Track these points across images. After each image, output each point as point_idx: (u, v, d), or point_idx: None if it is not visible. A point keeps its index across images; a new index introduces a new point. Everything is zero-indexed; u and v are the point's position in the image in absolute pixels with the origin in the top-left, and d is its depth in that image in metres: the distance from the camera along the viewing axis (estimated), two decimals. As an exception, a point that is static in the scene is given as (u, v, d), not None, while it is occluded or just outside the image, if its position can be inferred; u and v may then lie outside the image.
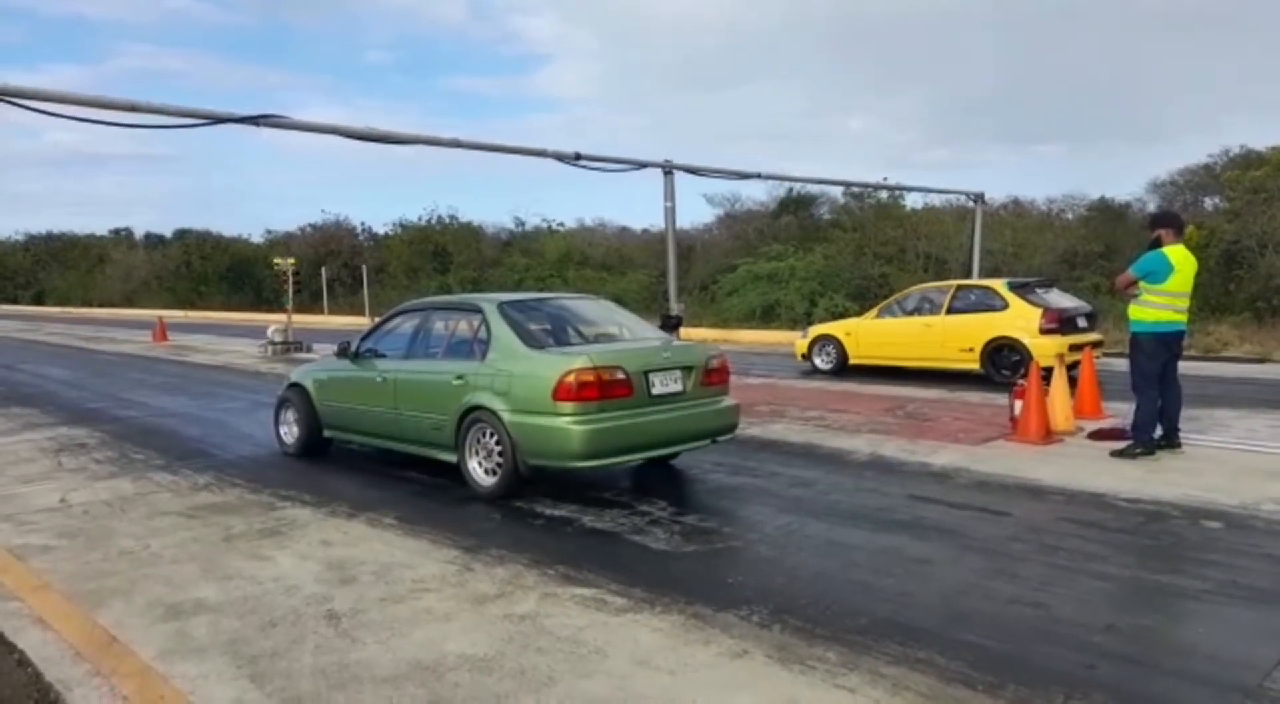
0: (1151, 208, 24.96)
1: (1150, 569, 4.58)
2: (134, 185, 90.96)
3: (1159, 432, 7.06)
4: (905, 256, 25.60)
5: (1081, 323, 11.76)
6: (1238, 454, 7.10)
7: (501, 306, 6.49)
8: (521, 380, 5.93)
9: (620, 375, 5.85)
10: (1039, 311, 11.31)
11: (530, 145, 10.73)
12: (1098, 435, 7.69)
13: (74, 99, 7.11)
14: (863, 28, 66.98)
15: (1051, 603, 4.06)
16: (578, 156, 10.71)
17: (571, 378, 5.67)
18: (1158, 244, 6.97)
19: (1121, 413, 7.96)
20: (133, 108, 7.25)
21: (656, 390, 6.06)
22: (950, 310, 12.16)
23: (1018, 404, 7.87)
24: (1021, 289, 11.87)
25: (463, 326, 6.79)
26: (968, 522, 5.47)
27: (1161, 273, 6.85)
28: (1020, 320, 11.38)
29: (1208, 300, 18.99)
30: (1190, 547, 4.90)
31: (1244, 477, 6.31)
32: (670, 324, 11.40)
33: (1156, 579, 4.44)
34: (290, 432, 7.93)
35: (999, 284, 12.06)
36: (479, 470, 6.23)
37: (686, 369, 6.28)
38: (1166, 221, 7.20)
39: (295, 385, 7.94)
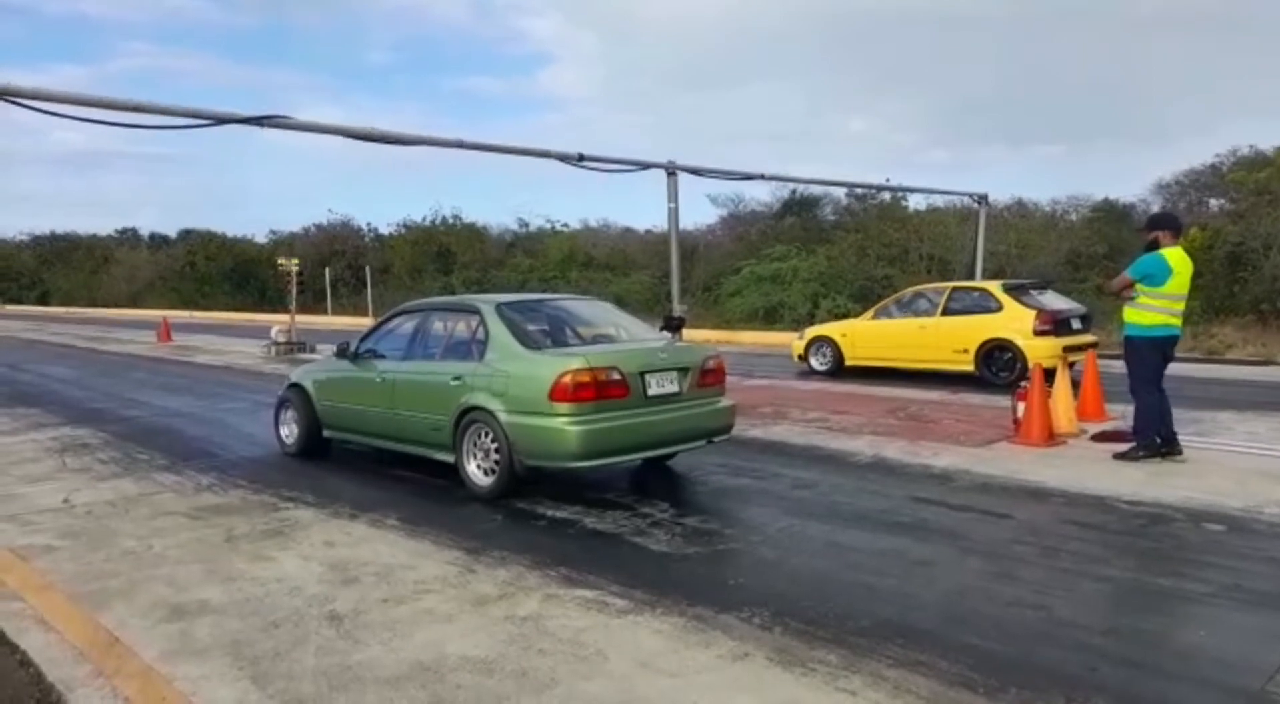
0: (1155, 209, 24.93)
1: (1152, 572, 4.57)
2: (139, 185, 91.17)
3: (1157, 440, 7.02)
4: (908, 258, 25.57)
5: (1075, 324, 11.80)
6: (1240, 456, 7.08)
7: (499, 307, 6.53)
8: (518, 381, 5.96)
9: (616, 376, 5.89)
10: (1033, 313, 11.36)
11: (534, 145, 10.75)
12: (1101, 437, 7.67)
13: (78, 99, 7.12)
14: (865, 28, 66.96)
15: (1053, 605, 4.05)
16: (581, 157, 10.71)
17: (568, 378, 5.71)
18: (1155, 246, 6.89)
19: (1125, 415, 7.94)
20: (136, 108, 7.26)
21: (653, 391, 6.09)
22: (945, 312, 12.20)
23: (1020, 406, 7.86)
24: (1016, 291, 11.93)
25: (461, 327, 6.82)
26: (969, 524, 5.46)
27: (1160, 275, 6.77)
28: (1014, 322, 11.43)
29: (1211, 302, 18.94)
30: (1192, 549, 4.89)
31: (1247, 479, 6.30)
32: (673, 325, 11.40)
33: (1158, 582, 4.43)
34: (290, 432, 7.97)
35: (993, 286, 12.12)
36: (476, 471, 6.26)
37: (683, 370, 6.31)
38: (1164, 223, 7.11)
39: (295, 386, 7.99)
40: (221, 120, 8.06)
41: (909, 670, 3.38)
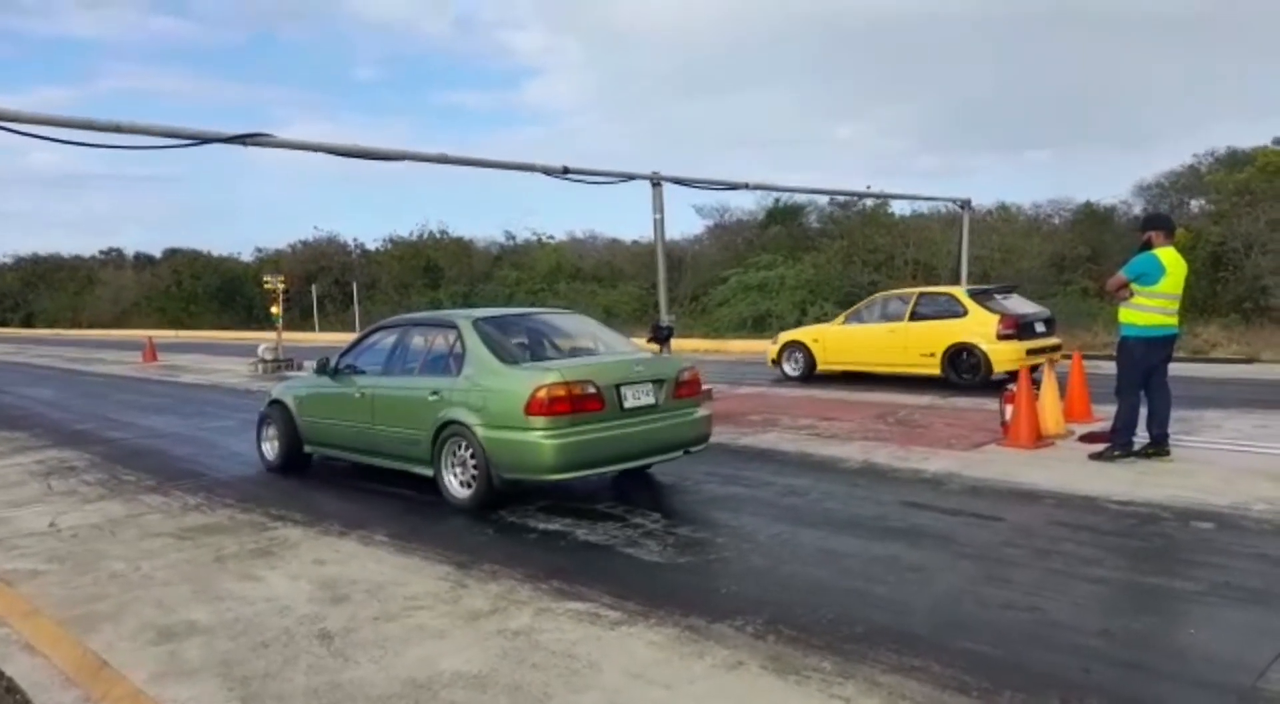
0: (1137, 211, 25.16)
1: (1143, 571, 4.59)
2: (122, 205, 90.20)
3: (1147, 438, 7.06)
4: (894, 264, 25.68)
5: (1039, 328, 12.08)
6: (1227, 455, 7.13)
7: (476, 323, 6.60)
8: (495, 395, 6.05)
9: (591, 390, 5.96)
10: (996, 318, 11.62)
11: (519, 159, 10.72)
12: (1088, 438, 7.70)
13: (57, 121, 7.06)
14: (854, 36, 67.19)
15: (1046, 607, 4.06)
16: (565, 170, 10.71)
17: (543, 393, 5.78)
18: (1148, 246, 6.94)
19: (1112, 416, 7.97)
20: (117, 128, 7.20)
21: (629, 404, 6.16)
22: (913, 317, 12.42)
23: (1008, 409, 7.89)
24: (980, 296, 12.19)
25: (439, 342, 6.86)
26: (961, 527, 5.47)
27: (1153, 275, 6.82)
28: (978, 326, 11.69)
29: (1195, 302, 19.10)
30: (1182, 548, 4.91)
31: (1234, 477, 6.33)
32: (661, 335, 11.40)
33: (1150, 581, 4.45)
34: (272, 448, 8.03)
35: (959, 291, 12.41)
36: (454, 483, 6.33)
37: (658, 382, 6.39)
38: (1158, 223, 7.17)
39: (276, 401, 8.06)
40: (204, 139, 8.02)
41: (903, 676, 3.38)
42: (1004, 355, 11.32)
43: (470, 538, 5.60)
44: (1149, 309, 6.88)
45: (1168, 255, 6.87)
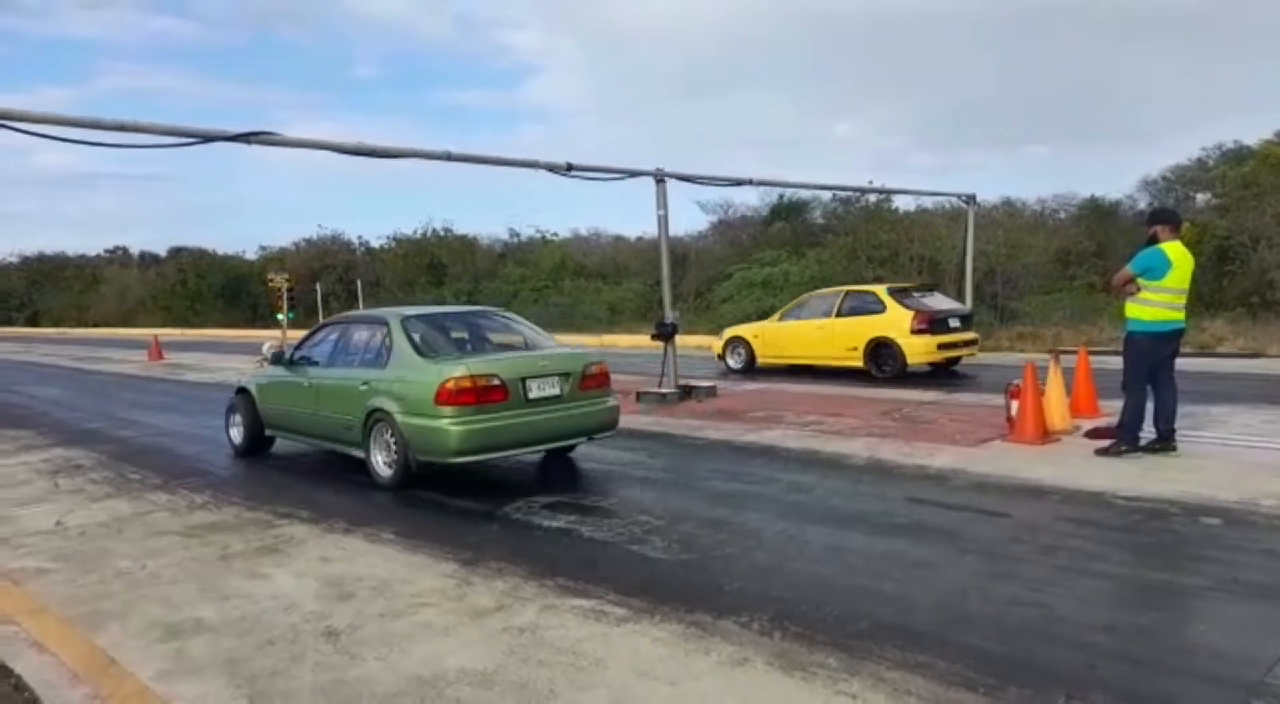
0: (1142, 205, 25.03)
1: (1150, 567, 4.58)
2: (127, 205, 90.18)
3: (1154, 433, 7.04)
4: (898, 260, 25.58)
5: (954, 323, 12.91)
6: (1235, 450, 7.10)
7: (404, 320, 7.27)
8: (412, 386, 6.70)
9: (496, 382, 6.57)
10: (911, 314, 12.52)
11: (522, 156, 10.72)
12: (1095, 434, 7.68)
13: (62, 120, 7.09)
14: (848, 35, 66.95)
15: (1052, 603, 4.05)
16: (569, 167, 10.71)
17: (451, 384, 6.43)
18: (1155, 241, 6.91)
19: (1118, 411, 7.95)
20: (121, 127, 7.23)
21: (533, 395, 6.78)
22: (840, 313, 13.34)
23: (1014, 404, 7.87)
24: (899, 294, 13.07)
25: (374, 338, 7.44)
26: (967, 523, 5.46)
27: (1160, 269, 6.79)
28: (895, 322, 12.59)
29: (1201, 296, 19.00)
30: (1190, 544, 4.90)
31: (1242, 472, 6.31)
32: (665, 332, 11.40)
33: (1156, 577, 4.44)
34: (239, 433, 8.82)
35: (880, 289, 13.29)
36: (380, 464, 6.99)
37: (564, 375, 7.01)
38: (1164, 218, 7.12)
39: (242, 390, 8.88)
40: (208, 138, 8.04)
41: (909, 672, 3.38)
42: (917, 349, 12.33)
43: (475, 535, 5.61)
44: (1155, 304, 6.85)
45: (1174, 250, 6.84)
